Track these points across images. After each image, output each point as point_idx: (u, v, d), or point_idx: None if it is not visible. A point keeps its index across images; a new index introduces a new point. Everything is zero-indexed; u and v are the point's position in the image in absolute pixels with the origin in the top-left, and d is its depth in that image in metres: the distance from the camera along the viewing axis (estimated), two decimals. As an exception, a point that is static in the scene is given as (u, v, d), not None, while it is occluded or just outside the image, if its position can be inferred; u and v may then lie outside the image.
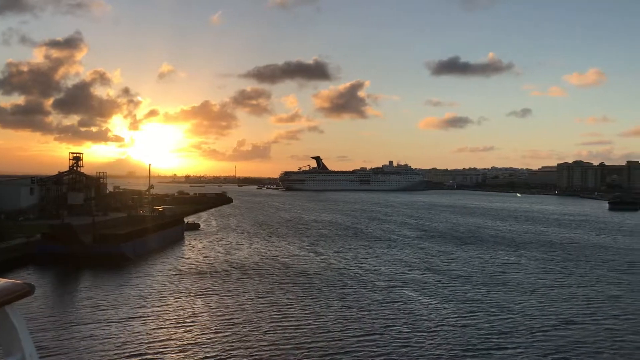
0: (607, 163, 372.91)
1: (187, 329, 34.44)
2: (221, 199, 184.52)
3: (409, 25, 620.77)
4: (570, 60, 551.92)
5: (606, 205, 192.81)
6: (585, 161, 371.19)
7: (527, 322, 37.21)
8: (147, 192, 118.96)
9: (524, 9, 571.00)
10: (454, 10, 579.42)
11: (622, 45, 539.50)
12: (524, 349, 31.49)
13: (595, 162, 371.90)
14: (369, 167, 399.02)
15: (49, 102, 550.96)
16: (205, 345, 31.25)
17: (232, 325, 35.35)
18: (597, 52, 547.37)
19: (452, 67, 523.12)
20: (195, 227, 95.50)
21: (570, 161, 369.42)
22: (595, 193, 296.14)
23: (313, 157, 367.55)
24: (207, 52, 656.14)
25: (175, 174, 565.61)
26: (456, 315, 38.65)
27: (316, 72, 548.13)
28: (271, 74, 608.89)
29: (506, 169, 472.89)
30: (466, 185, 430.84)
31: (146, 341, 31.71)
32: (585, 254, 71.53)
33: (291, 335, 33.34)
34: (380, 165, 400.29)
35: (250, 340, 32.21)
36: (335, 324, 36.00)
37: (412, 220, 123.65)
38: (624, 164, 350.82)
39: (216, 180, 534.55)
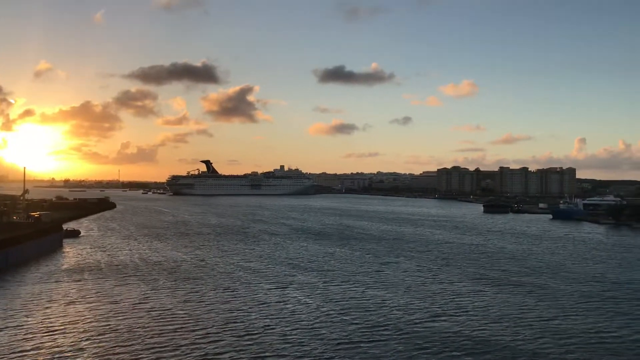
0: (481, 168, 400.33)
1: (60, 337, 33.15)
2: (104, 204, 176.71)
3: (296, 33, 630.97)
4: (445, 72, 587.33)
5: (481, 208, 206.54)
6: (462, 167, 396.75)
7: (400, 316, 39.61)
8: (22, 197, 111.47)
9: (402, 22, 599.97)
10: (337, 20, 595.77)
11: (492, 58, 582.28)
12: (394, 340, 33.64)
13: (471, 168, 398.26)
14: (260, 171, 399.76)
15: None
16: (80, 353, 30.32)
17: (109, 331, 34.48)
18: (470, 64, 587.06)
19: (338, 75, 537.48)
20: (75, 233, 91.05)
21: (449, 167, 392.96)
22: (471, 196, 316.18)
23: (202, 161, 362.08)
24: (88, 50, 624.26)
25: (53, 178, 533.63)
26: (334, 312, 40.27)
27: (204, 75, 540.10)
28: (157, 75, 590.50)
29: (391, 173, 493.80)
30: (354, 189, 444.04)
31: (9, 352, 30.20)
32: (458, 253, 76.72)
33: (171, 338, 33.18)
34: (271, 170, 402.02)
35: (129, 345, 31.68)
36: (216, 325, 36.26)
37: (300, 223, 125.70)
38: (496, 170, 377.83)
39: (98, 184, 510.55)
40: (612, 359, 31.68)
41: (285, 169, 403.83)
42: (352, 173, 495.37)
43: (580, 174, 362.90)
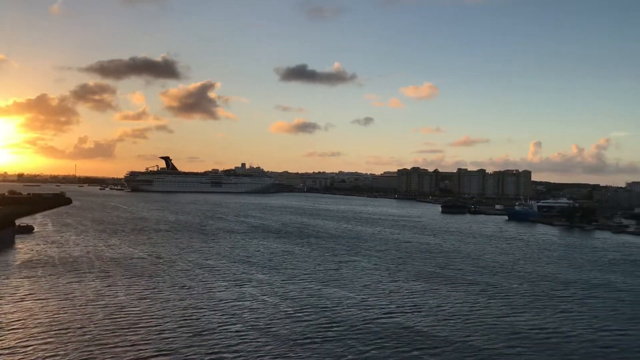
0: (440, 170, 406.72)
1: (9, 334, 32.43)
2: (59, 200, 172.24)
3: (259, 30, 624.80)
4: (407, 74, 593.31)
5: (439, 208, 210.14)
6: (421, 167, 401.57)
7: (355, 313, 40.15)
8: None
9: (365, 23, 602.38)
10: (301, 19, 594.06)
11: (453, 61, 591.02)
12: (348, 337, 34.13)
13: (431, 169, 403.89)
14: (221, 169, 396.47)
15: None
16: (29, 350, 29.75)
17: (61, 328, 33.88)
18: (431, 67, 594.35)
19: (300, 74, 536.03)
20: (28, 229, 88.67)
21: (409, 167, 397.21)
22: (430, 197, 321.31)
23: (162, 157, 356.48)
24: (44, 42, 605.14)
25: (6, 172, 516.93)
26: (291, 310, 40.59)
27: (165, 69, 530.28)
28: (116, 70, 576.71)
29: (352, 173, 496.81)
30: (316, 188, 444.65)
31: (-40, 349, 29.46)
32: (415, 252, 77.99)
33: (124, 335, 32.87)
34: (232, 167, 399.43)
35: (81, 342, 31.24)
36: (170, 322, 36.06)
37: (259, 221, 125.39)
38: (454, 171, 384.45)
39: (54, 179, 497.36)
40: (557, 354, 32.87)
41: (247, 167, 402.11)
42: (314, 172, 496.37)
43: (535, 177, 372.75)
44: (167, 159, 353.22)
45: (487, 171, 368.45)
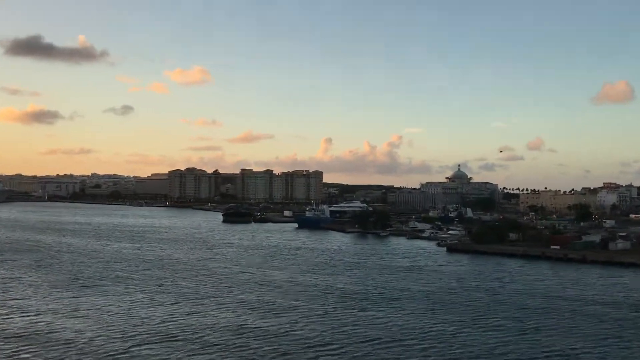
0: (221, 170, 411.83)
1: None
2: None
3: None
4: (172, 55, 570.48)
5: (220, 217, 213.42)
6: (198, 168, 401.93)
7: (89, 345, 40.34)
8: None
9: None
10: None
11: (227, 45, 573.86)
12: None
13: (209, 170, 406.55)
14: None
15: None
16: None
17: None
18: (201, 48, 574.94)
19: (33, 48, 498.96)
20: None
21: (182, 168, 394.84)
22: (209, 204, 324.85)
23: None
24: None
25: None
26: (9, 350, 39.28)
27: None
28: None
29: (110, 176, 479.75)
30: (61, 195, 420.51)
31: None
32: (182, 271, 79.14)
33: None
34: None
35: None
36: None
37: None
38: (237, 172, 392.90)
39: None
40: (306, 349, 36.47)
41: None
42: (58, 175, 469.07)
43: (327, 178, 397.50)
44: None
45: (274, 172, 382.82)
